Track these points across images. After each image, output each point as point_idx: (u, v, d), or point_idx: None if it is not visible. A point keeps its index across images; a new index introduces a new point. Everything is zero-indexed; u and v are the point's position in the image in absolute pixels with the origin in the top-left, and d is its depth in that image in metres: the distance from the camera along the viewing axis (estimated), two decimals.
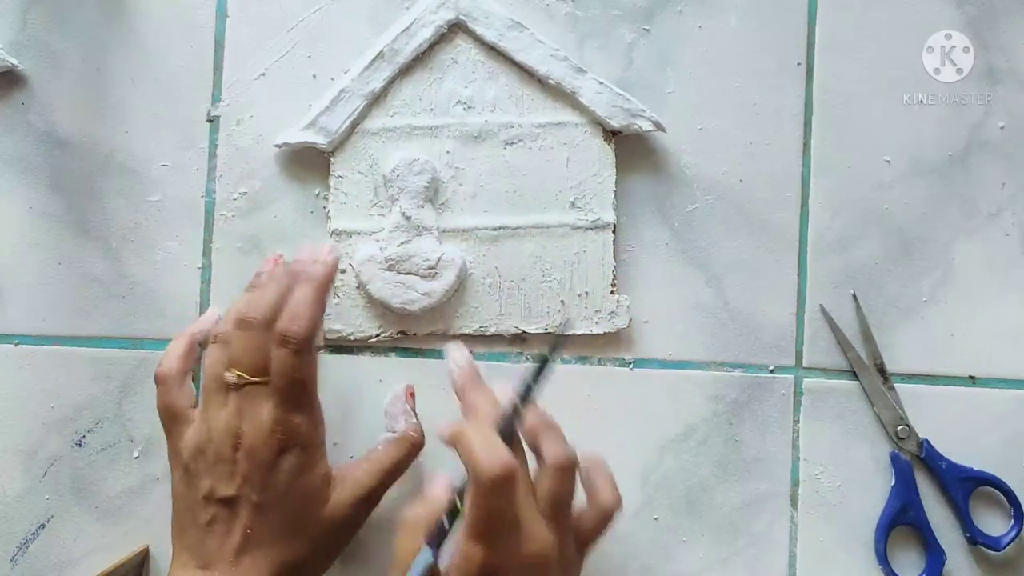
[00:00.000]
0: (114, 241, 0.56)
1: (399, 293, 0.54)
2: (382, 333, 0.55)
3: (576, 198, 0.55)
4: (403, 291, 0.54)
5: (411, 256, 0.54)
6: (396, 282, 0.54)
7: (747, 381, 0.56)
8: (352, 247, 0.55)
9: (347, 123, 0.54)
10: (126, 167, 0.56)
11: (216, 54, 0.56)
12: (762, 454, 0.56)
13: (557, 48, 0.55)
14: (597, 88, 0.55)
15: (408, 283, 0.54)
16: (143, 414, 0.55)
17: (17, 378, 0.55)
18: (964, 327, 0.56)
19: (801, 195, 0.57)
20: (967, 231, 0.57)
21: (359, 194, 0.55)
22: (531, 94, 0.55)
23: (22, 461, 0.55)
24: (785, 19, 0.57)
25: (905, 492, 0.55)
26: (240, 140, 0.56)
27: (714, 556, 0.55)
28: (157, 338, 0.55)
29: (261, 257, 0.55)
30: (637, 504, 0.55)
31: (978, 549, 0.55)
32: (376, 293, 0.54)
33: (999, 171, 0.57)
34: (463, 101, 0.55)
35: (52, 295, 0.55)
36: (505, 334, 0.55)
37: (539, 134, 0.55)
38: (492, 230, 0.55)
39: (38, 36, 0.56)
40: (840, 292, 0.56)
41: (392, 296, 0.54)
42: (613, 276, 0.55)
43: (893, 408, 0.55)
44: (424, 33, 0.55)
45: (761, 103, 0.57)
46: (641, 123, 0.55)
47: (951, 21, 0.57)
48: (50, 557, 0.54)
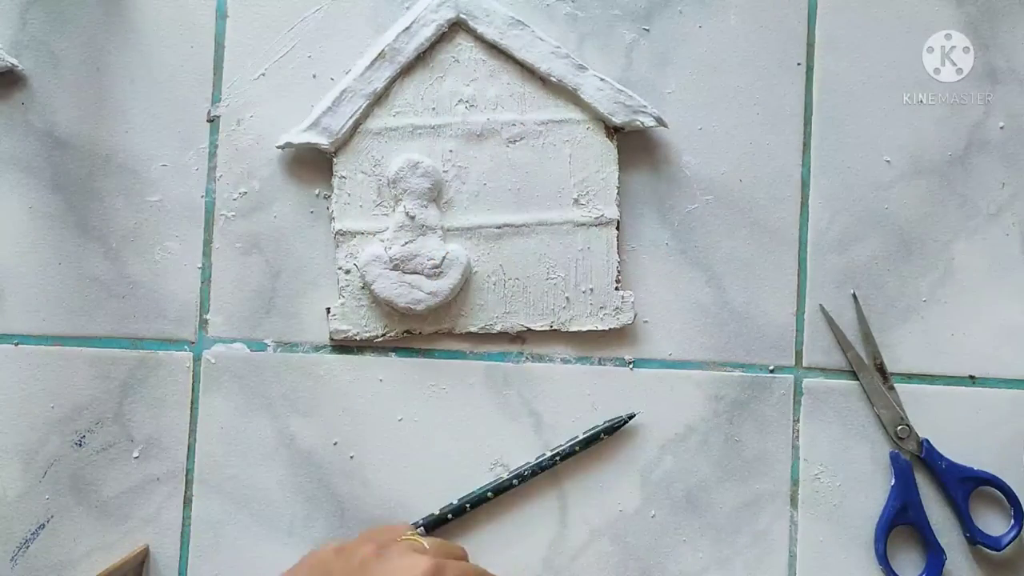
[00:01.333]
0: (114, 241, 0.56)
1: (404, 293, 0.54)
2: (387, 333, 0.55)
3: (579, 195, 0.55)
4: (408, 291, 0.54)
5: (416, 256, 0.54)
6: (401, 282, 0.54)
7: (747, 381, 0.56)
8: (356, 247, 0.55)
9: (349, 123, 0.54)
10: (126, 167, 0.56)
11: (216, 54, 0.56)
12: (762, 454, 0.56)
13: (558, 45, 0.55)
14: (598, 85, 0.55)
15: (413, 282, 0.54)
16: (143, 414, 0.55)
17: (17, 378, 0.55)
18: (964, 327, 0.56)
19: (801, 195, 0.57)
20: (967, 231, 0.57)
21: (362, 194, 0.55)
22: (533, 92, 0.56)
23: (22, 461, 0.55)
24: (785, 19, 0.57)
25: (905, 492, 0.55)
26: (240, 140, 0.56)
27: (714, 556, 0.55)
28: (157, 338, 0.55)
29: (261, 257, 0.55)
30: (637, 504, 0.55)
31: (978, 549, 0.55)
32: (381, 293, 0.54)
33: (999, 171, 0.57)
34: (465, 100, 0.55)
35: (52, 295, 0.55)
36: (510, 332, 0.55)
37: (541, 131, 0.56)
38: (496, 228, 0.55)
39: (38, 36, 0.56)
40: (840, 292, 0.56)
41: (397, 296, 0.54)
42: (618, 272, 0.55)
43: (893, 408, 0.55)
44: (425, 32, 0.55)
45: (761, 103, 0.57)
46: (643, 119, 0.55)
47: (951, 21, 0.57)
48: (50, 557, 0.54)
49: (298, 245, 0.56)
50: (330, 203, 0.55)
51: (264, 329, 0.55)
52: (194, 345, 0.55)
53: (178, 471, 0.55)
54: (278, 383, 0.55)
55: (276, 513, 0.55)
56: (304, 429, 0.55)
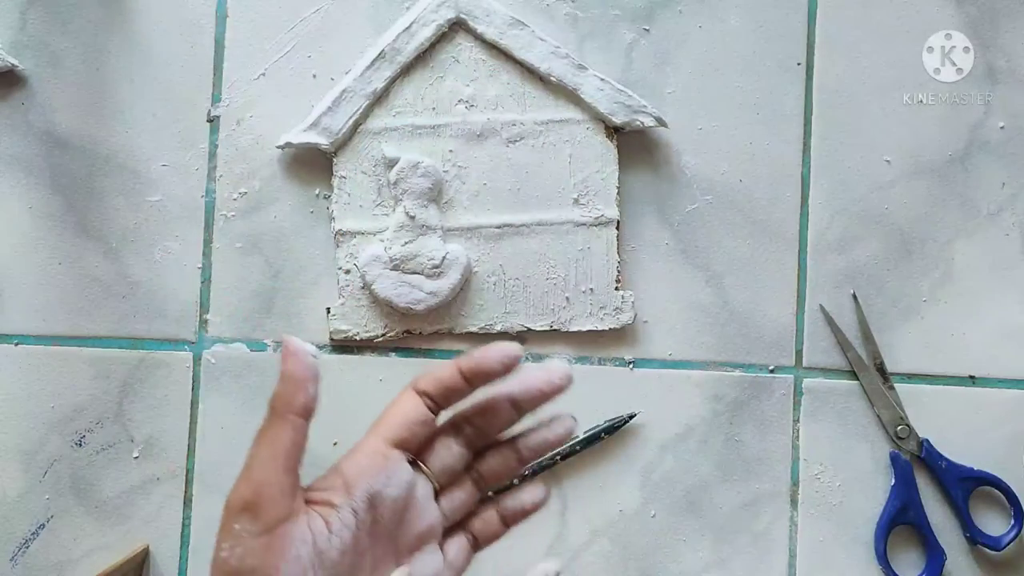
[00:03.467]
0: (114, 241, 0.56)
1: (404, 293, 0.54)
2: (387, 333, 0.55)
3: (579, 195, 0.55)
4: (408, 291, 0.54)
5: (416, 256, 0.54)
6: (401, 282, 0.54)
7: (747, 381, 0.56)
8: (356, 247, 0.55)
9: (349, 123, 0.54)
10: (126, 167, 0.56)
11: (216, 54, 0.56)
12: (762, 454, 0.56)
13: (558, 45, 0.55)
14: (598, 85, 0.55)
15: (413, 282, 0.54)
16: (143, 414, 0.55)
17: (17, 378, 0.55)
18: (964, 327, 0.56)
19: (801, 195, 0.57)
20: (967, 231, 0.57)
21: (362, 194, 0.55)
22: (533, 92, 0.56)
23: (22, 461, 0.55)
24: (785, 19, 0.57)
25: (905, 492, 0.55)
26: (240, 140, 0.56)
27: (714, 556, 0.55)
28: (157, 338, 0.55)
29: (261, 257, 0.55)
30: (637, 504, 0.55)
31: (978, 549, 0.55)
32: (381, 293, 0.54)
33: (999, 171, 0.57)
34: (465, 100, 0.55)
35: (52, 295, 0.55)
36: (511, 331, 0.55)
37: (541, 131, 0.55)
38: (496, 228, 0.55)
39: (38, 36, 0.56)
40: (840, 292, 0.56)
41: (397, 296, 0.54)
42: (618, 272, 0.55)
43: (893, 408, 0.55)
44: (425, 32, 0.55)
45: (761, 103, 0.57)
46: (643, 119, 0.55)
47: (951, 21, 0.57)
48: (50, 557, 0.54)
49: (298, 245, 0.56)
50: (330, 203, 0.55)
51: (264, 329, 0.55)
52: (194, 345, 0.55)
53: (178, 471, 0.55)
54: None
55: None
56: None
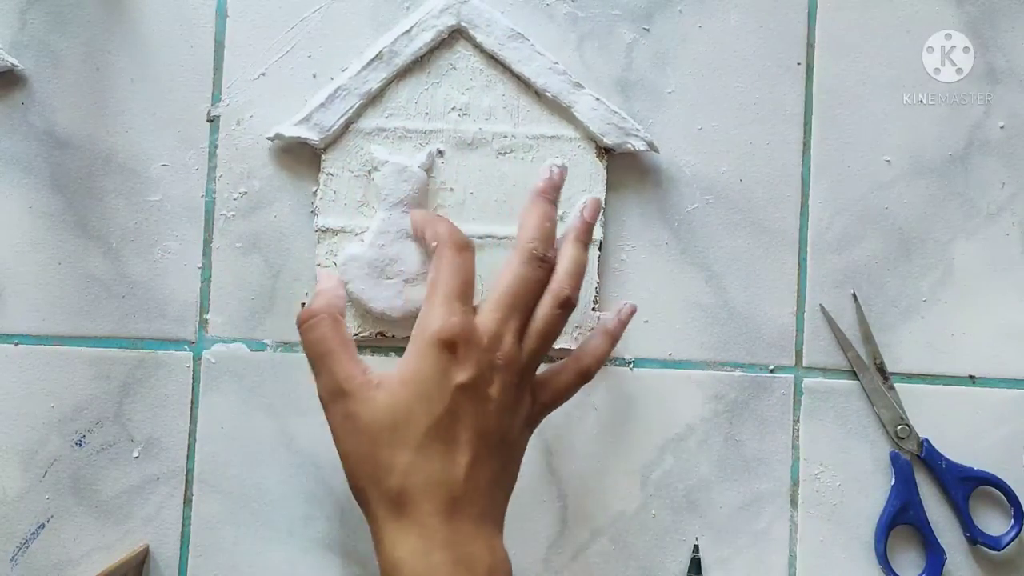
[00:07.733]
0: (114, 241, 0.56)
1: (379, 296, 0.54)
2: (360, 333, 0.55)
3: (564, 212, 0.54)
4: (384, 295, 0.54)
5: (394, 260, 0.54)
6: (378, 285, 0.54)
7: (747, 381, 0.56)
8: (337, 244, 0.55)
9: (341, 121, 0.54)
10: (126, 167, 0.56)
11: (216, 54, 0.56)
12: (762, 454, 0.56)
13: (556, 61, 0.55)
14: (593, 104, 0.55)
15: (390, 287, 0.54)
16: (143, 414, 0.55)
17: (17, 378, 0.55)
18: (964, 327, 0.56)
19: (801, 195, 0.57)
20: (967, 231, 0.57)
21: (348, 193, 0.55)
22: (527, 105, 0.55)
23: (22, 461, 0.55)
24: (785, 19, 0.57)
25: (905, 492, 0.55)
26: (240, 140, 0.56)
27: (714, 556, 0.55)
28: (157, 338, 0.55)
29: (261, 257, 0.55)
30: (637, 504, 0.55)
31: (978, 549, 0.55)
32: (357, 294, 0.54)
33: (999, 171, 0.57)
34: (459, 107, 0.55)
35: (52, 295, 0.55)
36: None
37: (532, 146, 0.55)
38: (478, 238, 0.54)
39: (38, 36, 0.56)
40: (840, 292, 0.56)
41: (372, 299, 0.54)
42: (596, 294, 0.55)
43: (893, 408, 0.55)
44: (424, 37, 0.54)
45: (761, 103, 0.57)
46: (635, 143, 0.55)
47: (951, 21, 0.57)
48: (50, 557, 0.54)
49: (298, 245, 0.56)
50: (314, 199, 0.55)
51: (264, 329, 0.55)
52: (194, 345, 0.55)
53: (178, 471, 0.55)
54: (278, 383, 0.55)
55: (276, 513, 0.55)
56: (304, 429, 0.55)
